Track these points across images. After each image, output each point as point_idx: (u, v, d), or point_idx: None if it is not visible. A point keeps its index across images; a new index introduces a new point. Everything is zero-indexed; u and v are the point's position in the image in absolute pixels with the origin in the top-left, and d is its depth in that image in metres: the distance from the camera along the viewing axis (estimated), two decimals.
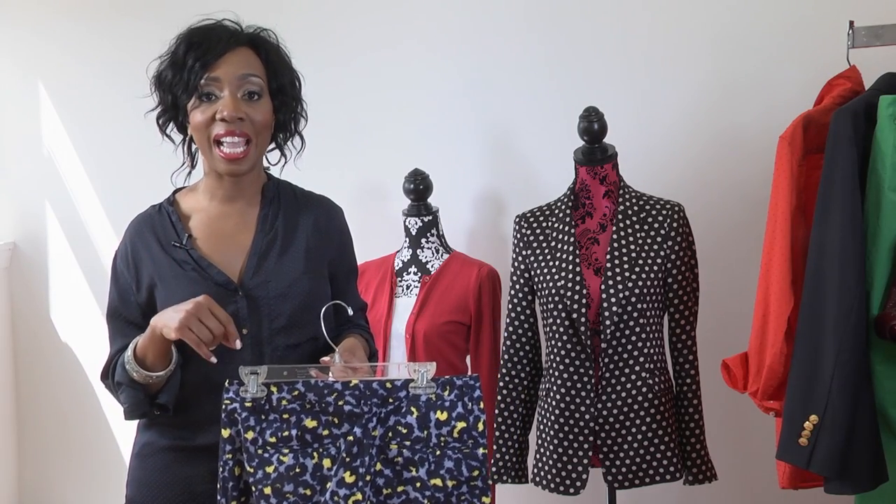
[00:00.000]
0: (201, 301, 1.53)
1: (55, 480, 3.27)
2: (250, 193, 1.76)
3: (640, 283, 2.17)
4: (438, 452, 1.53)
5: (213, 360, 1.54)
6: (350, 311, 1.69)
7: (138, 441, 1.74)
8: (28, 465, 3.29)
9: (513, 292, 2.36)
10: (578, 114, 2.29)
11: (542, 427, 2.28)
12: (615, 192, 2.28)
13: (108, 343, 1.75)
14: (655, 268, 2.20)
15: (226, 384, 1.52)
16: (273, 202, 1.77)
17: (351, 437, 1.51)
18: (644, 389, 2.18)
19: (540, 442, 2.29)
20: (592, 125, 2.26)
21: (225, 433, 1.52)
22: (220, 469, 1.53)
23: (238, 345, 1.55)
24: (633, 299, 2.16)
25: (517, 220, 2.36)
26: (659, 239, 2.22)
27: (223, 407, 1.52)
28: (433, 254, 2.54)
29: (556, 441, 2.21)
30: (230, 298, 1.66)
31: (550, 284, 2.22)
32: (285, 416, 1.51)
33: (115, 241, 1.80)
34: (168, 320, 1.54)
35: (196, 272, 1.67)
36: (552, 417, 2.22)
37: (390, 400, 1.53)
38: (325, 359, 1.59)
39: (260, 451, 1.50)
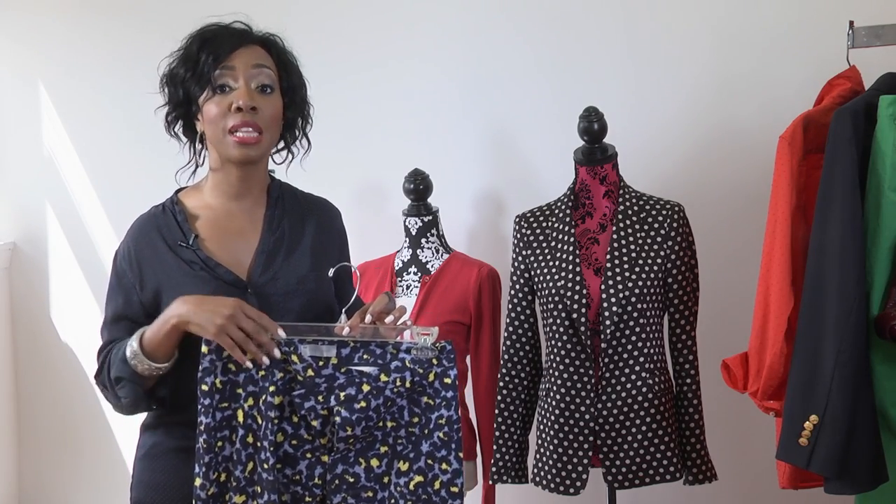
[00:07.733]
0: (234, 304, 1.55)
1: (55, 480, 3.27)
2: (256, 192, 1.77)
3: (640, 283, 2.17)
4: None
5: (249, 364, 1.55)
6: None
7: (144, 443, 1.72)
8: (28, 465, 3.28)
9: (513, 292, 2.36)
10: (578, 114, 2.29)
11: (542, 427, 2.28)
12: (615, 192, 2.28)
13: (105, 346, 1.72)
14: (655, 268, 2.20)
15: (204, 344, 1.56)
16: (278, 202, 1.78)
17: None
18: (644, 389, 2.18)
19: (540, 442, 2.28)
20: (592, 125, 2.26)
21: (205, 387, 1.55)
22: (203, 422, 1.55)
23: (266, 361, 1.56)
24: (633, 299, 2.16)
25: (517, 220, 2.36)
26: (659, 239, 2.22)
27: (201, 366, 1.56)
28: (433, 254, 2.54)
29: (556, 441, 2.21)
30: (240, 297, 1.65)
31: (550, 284, 2.22)
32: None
33: (115, 241, 1.79)
34: (191, 316, 1.55)
35: (205, 272, 1.67)
36: (552, 417, 2.22)
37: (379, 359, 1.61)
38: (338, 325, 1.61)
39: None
